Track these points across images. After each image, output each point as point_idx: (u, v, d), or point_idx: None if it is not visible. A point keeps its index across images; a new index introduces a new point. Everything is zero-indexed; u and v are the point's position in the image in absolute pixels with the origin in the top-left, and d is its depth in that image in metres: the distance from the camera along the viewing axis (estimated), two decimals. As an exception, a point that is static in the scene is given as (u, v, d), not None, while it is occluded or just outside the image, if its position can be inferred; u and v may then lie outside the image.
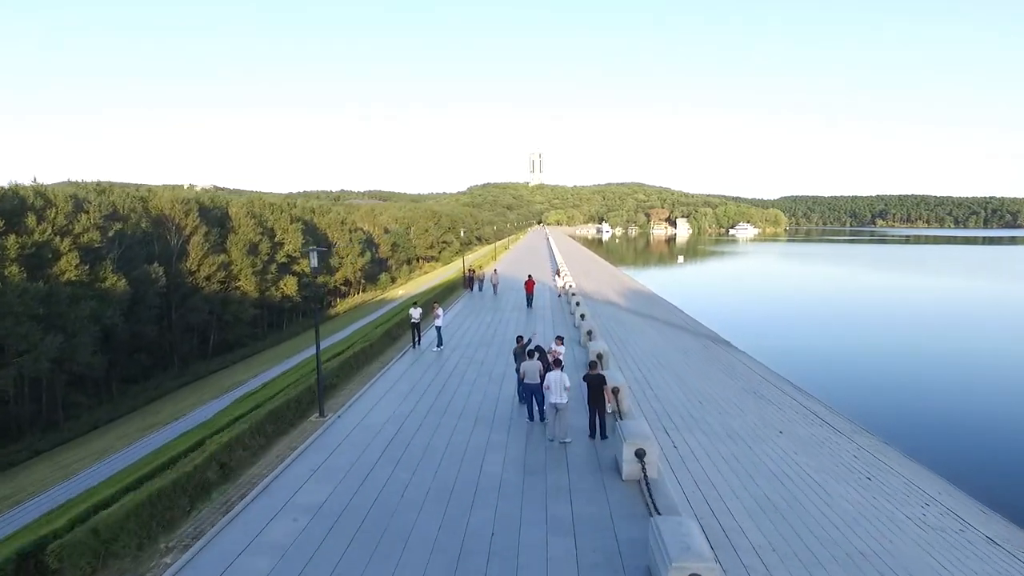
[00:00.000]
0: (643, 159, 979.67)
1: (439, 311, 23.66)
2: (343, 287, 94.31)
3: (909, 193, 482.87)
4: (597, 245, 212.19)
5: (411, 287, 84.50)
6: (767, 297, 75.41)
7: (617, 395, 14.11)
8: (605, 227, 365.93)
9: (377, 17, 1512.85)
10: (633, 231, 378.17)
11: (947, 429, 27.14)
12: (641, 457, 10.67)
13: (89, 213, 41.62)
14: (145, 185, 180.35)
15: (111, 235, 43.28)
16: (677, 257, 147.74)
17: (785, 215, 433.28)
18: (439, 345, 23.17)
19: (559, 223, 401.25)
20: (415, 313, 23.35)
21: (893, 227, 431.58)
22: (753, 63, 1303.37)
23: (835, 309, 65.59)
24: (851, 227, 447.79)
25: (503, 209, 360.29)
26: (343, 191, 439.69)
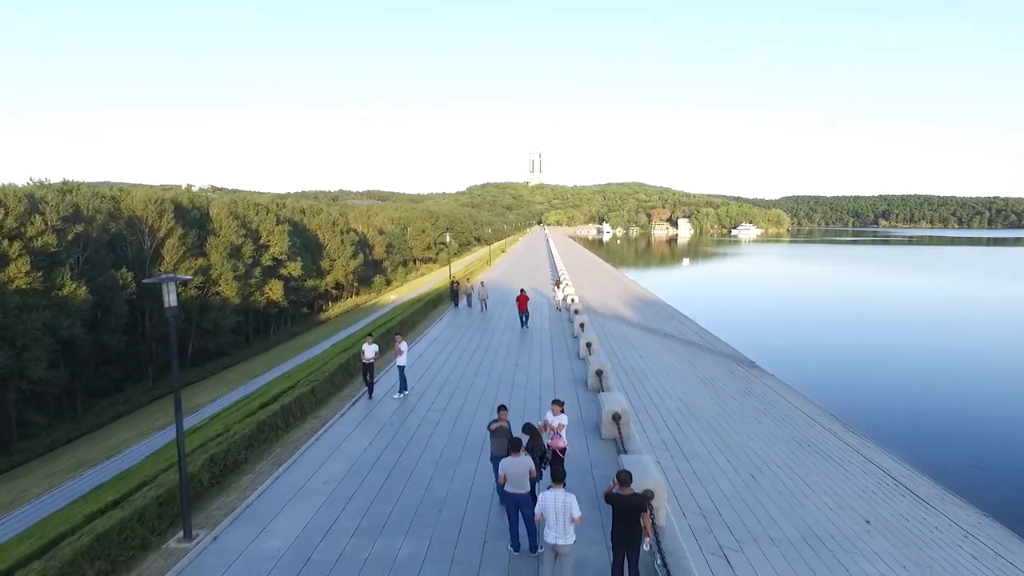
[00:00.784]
0: (644, 159, 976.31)
1: (401, 346, 17.97)
2: (334, 291, 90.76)
3: (912, 193, 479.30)
4: (598, 246, 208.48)
5: (403, 291, 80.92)
6: (783, 305, 70.25)
7: (651, 514, 8.90)
8: (606, 227, 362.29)
9: (377, 17, 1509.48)
10: (634, 231, 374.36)
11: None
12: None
13: (46, 214, 37.99)
14: (143, 185, 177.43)
15: (71, 238, 39.64)
16: (682, 259, 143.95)
17: (787, 215, 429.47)
18: (402, 391, 17.95)
19: (559, 223, 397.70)
20: (368, 352, 17.54)
21: (896, 227, 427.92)
22: (754, 63, 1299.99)
23: (858, 318, 60.62)
24: (853, 227, 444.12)
25: (503, 209, 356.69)
26: (342, 191, 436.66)
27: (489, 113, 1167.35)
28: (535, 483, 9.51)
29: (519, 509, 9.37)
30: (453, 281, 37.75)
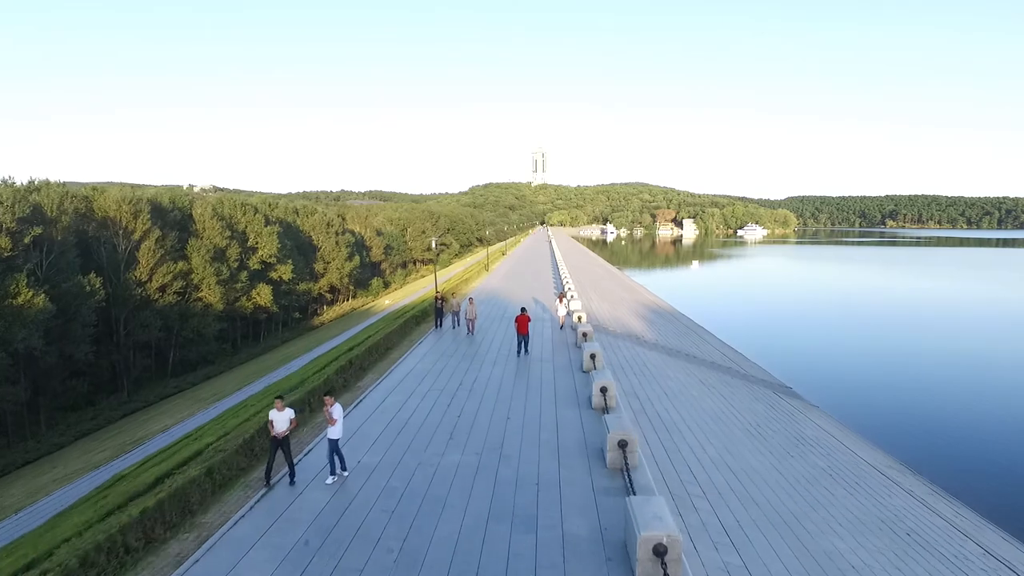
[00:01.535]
0: (648, 158, 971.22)
1: (334, 411, 12.36)
2: (328, 294, 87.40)
3: (920, 193, 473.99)
4: (601, 247, 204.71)
5: (399, 296, 77.43)
6: (806, 313, 63.43)
7: None
8: (609, 228, 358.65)
9: (380, 17, 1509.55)
10: (638, 232, 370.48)
11: None
12: None
13: (-1, 216, 34.68)
14: (145, 186, 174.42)
15: (28, 241, 36.31)
16: (691, 262, 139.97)
17: (794, 216, 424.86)
18: (336, 472, 12.60)
19: (562, 224, 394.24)
20: (278, 421, 12.15)
21: (904, 228, 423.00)
22: (759, 61, 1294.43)
23: (897, 329, 53.48)
24: (860, 228, 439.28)
25: (505, 210, 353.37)
26: (343, 191, 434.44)
27: (492, 113, 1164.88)
28: None
29: None
30: (438, 297, 31.64)
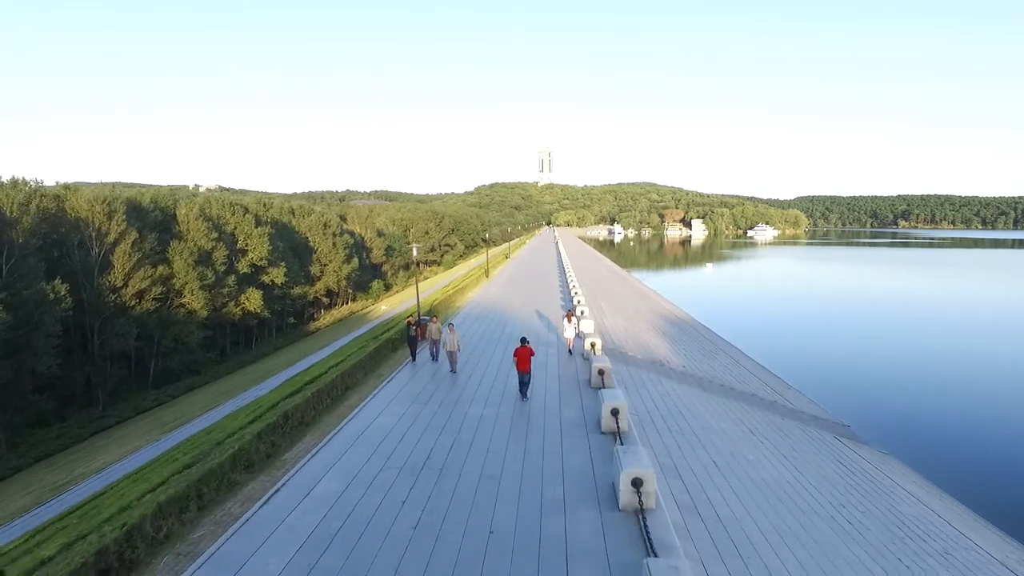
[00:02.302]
0: (656, 158, 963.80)
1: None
2: (325, 298, 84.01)
3: (933, 193, 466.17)
4: (609, 248, 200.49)
5: (396, 301, 73.86)
6: (834, 323, 56.45)
7: None
8: (617, 228, 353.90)
9: (386, 17, 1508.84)
10: (647, 233, 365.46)
11: None
12: None
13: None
14: (150, 186, 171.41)
15: (-20, 245, 33.01)
16: (705, 264, 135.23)
17: (805, 216, 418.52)
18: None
19: (569, 224, 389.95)
20: None
21: (916, 228, 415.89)
22: (769, 60, 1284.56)
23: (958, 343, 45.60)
24: (872, 228, 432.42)
25: (511, 210, 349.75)
26: (349, 191, 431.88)
27: (498, 113, 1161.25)
28: None
29: None
30: (410, 322, 22.89)
